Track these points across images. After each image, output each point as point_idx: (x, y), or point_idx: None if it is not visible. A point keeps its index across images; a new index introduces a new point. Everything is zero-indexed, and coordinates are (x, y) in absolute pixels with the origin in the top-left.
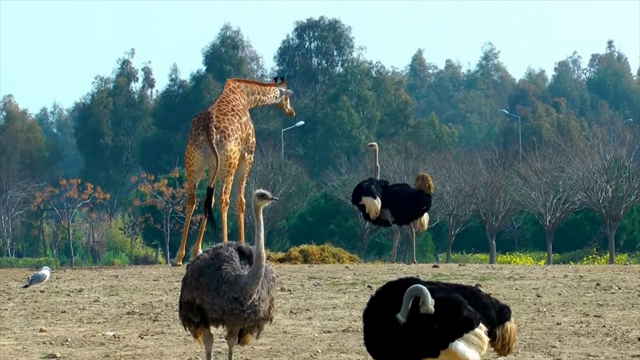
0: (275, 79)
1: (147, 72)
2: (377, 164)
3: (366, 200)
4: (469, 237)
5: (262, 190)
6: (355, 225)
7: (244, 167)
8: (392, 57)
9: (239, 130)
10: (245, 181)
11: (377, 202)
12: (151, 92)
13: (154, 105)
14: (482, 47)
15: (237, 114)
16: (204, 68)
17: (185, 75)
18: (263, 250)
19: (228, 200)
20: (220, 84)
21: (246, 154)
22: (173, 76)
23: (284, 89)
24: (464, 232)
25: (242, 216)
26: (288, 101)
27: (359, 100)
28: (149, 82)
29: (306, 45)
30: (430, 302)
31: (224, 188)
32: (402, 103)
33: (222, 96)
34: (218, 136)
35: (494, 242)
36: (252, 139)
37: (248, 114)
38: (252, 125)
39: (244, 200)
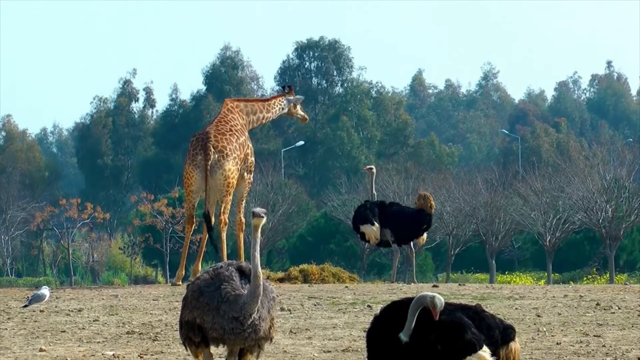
0: (283, 87)
1: (148, 92)
2: (374, 190)
3: (365, 229)
4: (469, 256)
5: (253, 209)
6: (355, 245)
7: (243, 187)
8: (392, 77)
9: (238, 150)
10: (244, 201)
11: (376, 229)
12: (152, 112)
13: (154, 125)
14: (482, 67)
15: (235, 133)
16: (204, 88)
17: (185, 95)
18: (259, 269)
19: (227, 220)
20: (220, 104)
21: (245, 173)
22: (173, 96)
23: (291, 97)
24: (463, 252)
25: (241, 236)
26: (299, 107)
27: (359, 121)
28: (150, 102)
29: (306, 65)
30: (441, 302)
31: (222, 208)
32: (402, 123)
33: (220, 116)
34: (216, 156)
35: (493, 261)
36: (251, 159)
37: (247, 134)
38: (250, 145)
39: (243, 219)
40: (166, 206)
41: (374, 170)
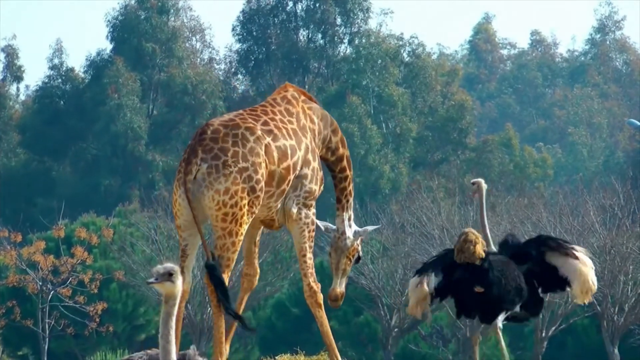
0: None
1: (10, 54)
2: (485, 221)
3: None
4: (574, 342)
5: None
6: (375, 321)
7: (297, 231)
8: (437, 29)
9: (268, 157)
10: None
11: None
12: (17, 89)
13: (21, 112)
14: (596, 11)
15: (273, 130)
16: (108, 48)
17: (76, 61)
18: None
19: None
20: (137, 74)
21: (295, 207)
22: (55, 61)
23: (361, 230)
24: (564, 333)
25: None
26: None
27: (380, 103)
28: (13, 71)
29: (288, 9)
30: None
31: (223, 261)
32: (456, 107)
33: (265, 102)
34: (205, 166)
35: (616, 351)
36: (311, 186)
37: (309, 142)
38: (314, 164)
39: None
40: (43, 253)
41: (483, 184)
